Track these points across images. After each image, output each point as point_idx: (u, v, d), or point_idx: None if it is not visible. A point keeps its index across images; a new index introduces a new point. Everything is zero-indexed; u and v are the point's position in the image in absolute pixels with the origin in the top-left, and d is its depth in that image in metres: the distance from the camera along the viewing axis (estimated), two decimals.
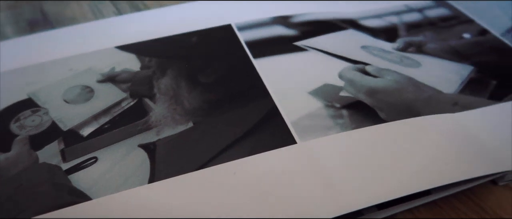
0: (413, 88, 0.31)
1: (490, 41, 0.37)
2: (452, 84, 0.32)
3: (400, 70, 0.33)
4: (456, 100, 0.30)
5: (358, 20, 0.39)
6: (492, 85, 0.32)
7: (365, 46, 0.35)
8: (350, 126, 0.27)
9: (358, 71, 0.32)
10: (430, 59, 0.35)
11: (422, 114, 0.29)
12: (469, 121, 0.29)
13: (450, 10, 0.42)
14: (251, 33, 0.36)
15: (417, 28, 0.39)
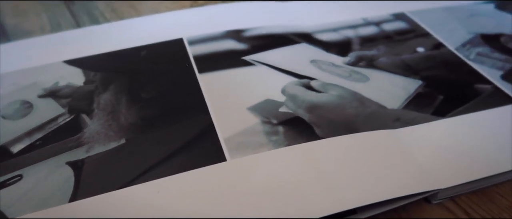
0: (356, 103, 0.31)
1: (444, 55, 0.37)
2: (397, 99, 0.32)
3: (347, 85, 0.33)
4: (399, 116, 0.30)
5: (313, 33, 0.39)
6: (438, 101, 0.32)
7: (314, 61, 0.35)
8: (283, 143, 0.27)
9: (302, 86, 0.32)
10: (379, 73, 0.35)
11: (360, 130, 0.28)
12: (408, 138, 0.28)
13: (408, 23, 0.42)
14: (201, 47, 0.36)
15: (372, 42, 0.39)
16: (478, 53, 0.38)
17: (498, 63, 0.36)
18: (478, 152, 0.28)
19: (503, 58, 0.37)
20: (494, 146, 0.28)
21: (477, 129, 0.29)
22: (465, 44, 0.39)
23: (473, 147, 0.28)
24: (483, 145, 0.28)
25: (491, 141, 0.29)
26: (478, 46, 0.39)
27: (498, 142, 0.29)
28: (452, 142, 0.28)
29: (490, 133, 0.29)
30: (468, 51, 0.38)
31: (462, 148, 0.28)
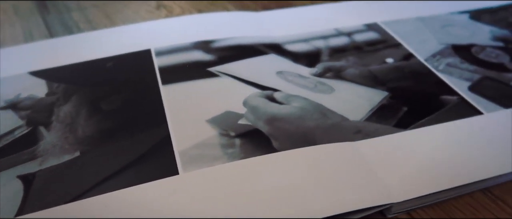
0: (318, 115, 0.31)
1: (412, 65, 0.37)
2: (361, 110, 0.32)
3: (311, 96, 0.33)
4: (360, 128, 0.30)
5: (283, 44, 0.39)
6: (402, 112, 0.32)
7: (281, 72, 0.35)
8: (239, 156, 0.27)
9: (265, 98, 0.32)
10: (345, 84, 0.35)
11: (319, 143, 0.28)
12: (367, 150, 0.28)
13: (380, 34, 0.42)
14: (167, 58, 0.36)
15: (341, 52, 0.39)
16: (448, 64, 0.38)
17: (467, 74, 0.36)
18: (437, 164, 0.27)
19: (472, 69, 0.37)
20: (454, 159, 0.28)
21: (438, 141, 0.29)
22: (435, 54, 0.39)
23: (433, 160, 0.28)
24: (443, 158, 0.28)
25: (451, 153, 0.28)
26: (448, 57, 0.38)
27: (458, 155, 0.28)
28: (412, 154, 0.28)
29: (451, 145, 0.29)
30: (437, 62, 0.38)
31: (421, 161, 0.28)
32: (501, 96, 0.34)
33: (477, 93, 0.34)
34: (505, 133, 0.30)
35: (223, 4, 0.50)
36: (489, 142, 0.29)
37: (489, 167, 0.27)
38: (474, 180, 0.27)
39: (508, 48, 0.40)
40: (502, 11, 0.47)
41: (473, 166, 0.27)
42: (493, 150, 0.29)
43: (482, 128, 0.30)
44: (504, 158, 0.28)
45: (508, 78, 0.36)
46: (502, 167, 0.27)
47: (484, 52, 0.40)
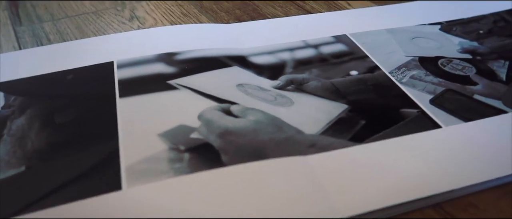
0: (272, 129, 0.30)
1: (376, 78, 0.37)
2: (318, 124, 0.31)
3: (269, 109, 0.32)
4: (315, 142, 0.30)
5: (248, 56, 0.39)
6: (359, 126, 0.32)
7: (241, 84, 0.35)
8: (185, 170, 0.26)
9: (221, 111, 0.31)
10: (306, 97, 0.34)
11: (270, 157, 0.28)
12: (318, 164, 0.28)
13: (347, 46, 0.42)
14: (129, 70, 0.36)
15: (306, 64, 0.39)
16: (412, 77, 0.37)
17: (430, 87, 0.36)
18: (387, 179, 0.27)
19: (436, 82, 0.37)
20: (406, 174, 0.28)
21: (391, 155, 0.29)
22: (401, 67, 0.39)
23: (384, 174, 0.27)
24: (395, 172, 0.28)
25: (403, 168, 0.28)
26: (413, 69, 0.38)
27: (411, 169, 0.28)
28: (364, 168, 0.28)
29: (405, 159, 0.29)
30: (402, 74, 0.38)
31: (372, 175, 0.27)
32: (462, 109, 0.33)
33: (438, 106, 0.34)
34: (461, 148, 0.30)
35: (196, 16, 0.50)
36: (444, 157, 0.29)
37: (441, 182, 0.27)
38: (425, 195, 0.26)
39: (476, 60, 0.40)
40: (474, 22, 0.47)
41: (424, 181, 0.27)
42: (447, 165, 0.28)
43: (439, 142, 0.30)
44: (457, 174, 0.28)
45: (472, 91, 0.36)
46: (454, 182, 0.27)
47: (451, 64, 0.39)
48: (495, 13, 0.48)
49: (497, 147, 0.30)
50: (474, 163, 0.29)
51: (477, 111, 0.33)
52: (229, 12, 0.51)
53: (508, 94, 0.35)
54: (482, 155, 0.29)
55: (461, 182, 0.27)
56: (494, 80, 0.37)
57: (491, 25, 0.46)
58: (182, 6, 0.52)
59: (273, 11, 0.51)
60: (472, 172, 0.28)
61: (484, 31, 0.45)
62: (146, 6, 0.52)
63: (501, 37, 0.44)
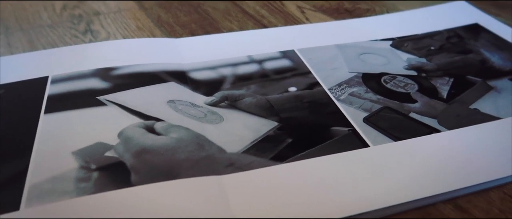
0: (193, 147, 0.30)
1: (314, 95, 0.36)
2: (242, 142, 0.31)
3: (196, 126, 0.32)
4: (233, 161, 0.29)
5: (189, 71, 0.39)
6: (284, 144, 0.31)
7: (173, 101, 0.34)
8: (89, 191, 0.26)
9: (144, 129, 0.31)
10: (237, 114, 0.34)
11: (183, 176, 0.27)
12: (232, 184, 0.27)
13: (292, 61, 0.41)
14: (62, 86, 0.35)
15: (246, 80, 0.38)
16: (351, 94, 0.37)
17: (367, 104, 0.35)
18: (300, 200, 0.26)
19: (374, 99, 0.36)
20: (322, 194, 0.27)
21: (310, 175, 0.28)
22: (342, 84, 0.38)
23: (298, 195, 0.27)
24: (310, 193, 0.27)
25: (320, 188, 0.27)
26: (354, 86, 0.38)
27: (329, 190, 0.27)
28: (278, 189, 0.27)
29: (324, 179, 0.28)
30: (341, 91, 0.37)
31: (285, 197, 0.27)
32: (394, 128, 0.33)
33: (371, 125, 0.33)
34: (386, 168, 0.29)
35: (151, 29, 0.50)
36: (368, 177, 0.28)
37: (358, 203, 0.26)
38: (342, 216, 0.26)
39: (420, 77, 0.39)
40: (427, 38, 0.46)
41: (345, 202, 0.26)
42: (370, 185, 0.28)
43: (364, 162, 0.30)
44: (379, 194, 0.27)
45: (409, 109, 0.35)
46: (376, 203, 0.26)
47: (394, 81, 0.39)
48: (450, 29, 0.48)
49: (423, 167, 0.29)
50: (398, 183, 0.28)
51: (409, 130, 0.33)
52: (184, 26, 0.50)
53: (444, 113, 0.34)
54: (408, 175, 0.28)
55: (383, 203, 0.26)
56: (435, 98, 0.36)
57: (443, 42, 0.46)
58: (139, 20, 0.52)
59: (229, 26, 0.51)
60: (395, 192, 0.27)
61: (435, 48, 0.45)
62: (103, 19, 0.52)
63: (451, 54, 0.43)
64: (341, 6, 0.56)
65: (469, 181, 0.28)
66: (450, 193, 0.28)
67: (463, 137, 0.32)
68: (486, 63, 0.42)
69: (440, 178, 0.28)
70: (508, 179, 0.29)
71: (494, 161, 0.30)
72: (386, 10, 0.55)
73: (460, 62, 0.42)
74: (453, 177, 0.28)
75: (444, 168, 0.29)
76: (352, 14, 0.54)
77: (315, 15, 0.53)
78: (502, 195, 0.28)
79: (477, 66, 0.41)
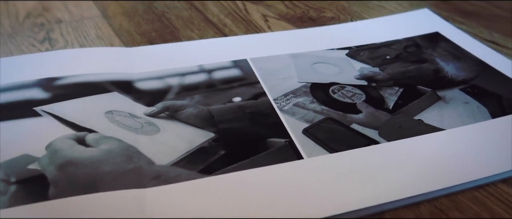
0: (121, 159, 0.29)
1: (257, 105, 0.36)
2: (174, 154, 0.30)
3: (128, 137, 0.31)
4: (160, 174, 0.29)
5: (135, 81, 0.38)
6: (217, 156, 0.31)
7: (111, 111, 0.34)
8: (4, 204, 0.25)
9: (74, 140, 0.30)
10: (175, 125, 0.33)
11: (105, 190, 0.27)
12: (155, 198, 0.27)
13: (243, 71, 0.41)
14: (3, 96, 0.35)
15: (192, 90, 0.38)
16: (296, 104, 0.36)
17: (310, 115, 0.35)
18: (227, 213, 0.26)
19: (319, 110, 0.36)
20: (249, 208, 0.26)
21: (236, 189, 0.28)
22: (288, 94, 0.38)
23: (222, 210, 0.26)
24: (233, 208, 0.26)
25: (250, 202, 0.27)
26: (301, 96, 0.37)
27: (258, 203, 0.27)
28: (201, 204, 0.27)
29: (254, 193, 0.27)
30: (286, 101, 0.37)
31: (210, 210, 0.26)
32: (333, 139, 0.32)
33: (310, 136, 0.33)
34: (314, 181, 0.29)
35: (110, 38, 0.49)
36: (294, 190, 0.28)
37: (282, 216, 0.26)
38: None
39: (370, 87, 0.39)
40: (384, 47, 0.46)
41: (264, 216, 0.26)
42: (294, 199, 0.27)
43: (293, 174, 0.29)
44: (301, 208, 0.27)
45: (351, 120, 0.35)
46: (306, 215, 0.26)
47: (342, 91, 0.38)
48: (409, 38, 0.47)
49: (354, 180, 0.29)
50: (327, 196, 0.27)
51: (348, 141, 0.32)
52: (145, 34, 0.50)
53: (386, 125, 0.34)
54: (338, 188, 0.28)
55: (308, 216, 0.26)
56: (380, 109, 0.36)
57: (400, 51, 0.45)
58: (100, 29, 0.52)
59: (189, 34, 0.50)
60: (322, 206, 0.27)
61: (391, 57, 0.44)
62: (64, 28, 0.52)
63: (405, 63, 0.43)
64: (306, 14, 0.56)
65: (398, 195, 0.28)
66: (379, 206, 0.27)
67: (400, 149, 0.31)
68: (439, 73, 0.41)
69: (369, 191, 0.28)
70: (440, 192, 0.28)
71: (426, 174, 0.29)
72: (350, 18, 0.55)
73: (413, 71, 0.42)
74: (383, 191, 0.28)
75: (374, 182, 0.28)
76: (316, 22, 0.54)
77: (278, 24, 0.53)
78: (432, 208, 0.28)
79: (430, 76, 0.41)
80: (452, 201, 0.28)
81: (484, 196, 0.29)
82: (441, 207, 0.28)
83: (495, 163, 0.30)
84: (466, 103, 0.37)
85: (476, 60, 0.43)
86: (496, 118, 0.35)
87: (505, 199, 0.29)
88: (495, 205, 0.28)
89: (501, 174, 0.30)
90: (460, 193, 0.29)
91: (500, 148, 0.31)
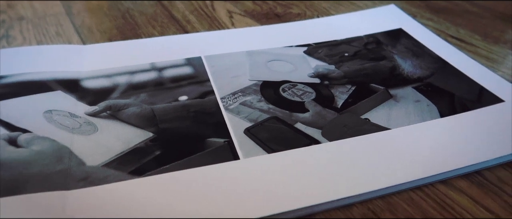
0: (51, 160, 0.29)
1: (202, 104, 0.35)
2: (107, 154, 0.30)
3: (63, 138, 0.31)
4: (89, 175, 0.28)
5: (82, 80, 0.38)
6: (152, 156, 0.30)
7: (50, 111, 0.33)
8: None
9: (5, 141, 0.30)
10: (115, 125, 0.33)
11: (28, 191, 0.26)
12: (78, 200, 0.26)
13: (194, 69, 0.40)
14: None
15: (139, 89, 0.37)
16: (243, 103, 0.36)
17: (256, 114, 0.34)
18: (153, 215, 0.25)
19: (265, 109, 0.35)
20: (175, 209, 0.26)
21: (169, 190, 0.27)
22: (237, 92, 0.37)
23: (149, 211, 0.26)
24: (165, 208, 0.26)
25: (178, 203, 0.26)
26: (249, 95, 0.37)
27: (187, 205, 0.26)
28: (127, 205, 0.26)
29: (183, 196, 0.27)
30: (233, 100, 0.36)
31: (135, 213, 0.26)
32: (273, 139, 0.32)
33: (251, 136, 0.32)
34: (247, 182, 0.28)
35: (69, 35, 0.49)
36: (225, 191, 0.27)
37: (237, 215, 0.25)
38: None
39: (322, 85, 0.38)
40: (344, 44, 0.45)
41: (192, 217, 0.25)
42: (224, 200, 0.27)
43: (226, 175, 0.28)
44: (230, 209, 0.26)
45: (297, 119, 0.34)
46: None
47: (293, 89, 0.38)
48: (371, 35, 0.47)
49: (289, 181, 0.28)
50: (259, 196, 0.27)
51: (288, 141, 0.31)
52: (106, 31, 0.49)
53: (331, 124, 0.33)
54: (271, 188, 0.27)
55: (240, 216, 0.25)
56: (329, 107, 0.35)
57: (360, 48, 0.44)
58: (61, 26, 0.51)
59: (150, 31, 0.50)
60: (256, 206, 0.26)
61: (350, 54, 0.43)
62: (25, 25, 0.51)
63: (363, 60, 0.42)
64: (273, 10, 0.55)
65: (330, 196, 0.27)
66: (309, 208, 0.27)
67: (340, 150, 0.31)
68: (395, 70, 0.41)
69: (301, 193, 0.27)
70: (374, 194, 0.28)
71: (360, 175, 0.28)
72: (317, 15, 0.54)
73: (369, 69, 0.41)
74: (316, 192, 0.27)
75: (307, 183, 0.28)
76: (282, 19, 0.53)
77: (242, 20, 0.52)
78: (365, 210, 0.27)
79: (386, 73, 0.40)
80: (386, 202, 0.28)
81: (420, 198, 0.28)
82: (374, 208, 0.27)
83: (434, 163, 0.29)
84: (417, 102, 0.36)
85: (435, 58, 0.42)
86: (444, 117, 0.34)
87: (441, 200, 0.28)
88: (429, 206, 0.27)
89: (440, 175, 0.29)
90: (396, 194, 0.28)
91: (443, 148, 0.31)
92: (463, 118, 0.34)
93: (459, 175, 0.30)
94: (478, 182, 0.29)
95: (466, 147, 0.31)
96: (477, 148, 0.31)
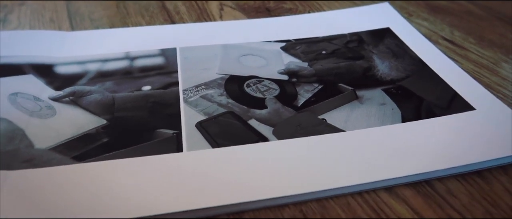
0: (3, 140, 0.30)
1: (163, 95, 0.36)
2: (57, 138, 0.31)
3: (20, 120, 0.32)
4: (34, 157, 0.29)
5: (56, 65, 0.39)
6: (99, 143, 0.31)
7: (16, 93, 0.35)
8: None
9: None
10: (73, 111, 0.34)
11: None
12: (16, 181, 0.27)
13: (166, 60, 0.41)
14: None
15: (107, 77, 0.38)
16: (203, 96, 0.36)
17: (213, 108, 0.34)
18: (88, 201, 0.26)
19: (224, 103, 0.35)
20: (112, 197, 0.26)
21: (105, 177, 0.28)
22: (200, 85, 0.37)
23: (85, 197, 0.26)
24: (101, 194, 0.26)
25: (114, 190, 0.27)
26: (212, 88, 0.37)
27: (122, 192, 0.27)
28: (64, 189, 0.27)
29: (122, 182, 0.27)
30: (195, 92, 0.36)
31: (71, 197, 0.26)
32: (222, 134, 0.31)
33: (201, 129, 0.32)
34: (186, 175, 0.28)
35: (61, 21, 0.50)
36: (160, 182, 0.27)
37: (141, 208, 0.26)
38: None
39: (288, 83, 0.38)
40: (325, 42, 0.44)
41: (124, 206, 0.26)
42: (158, 190, 0.27)
43: (167, 168, 0.28)
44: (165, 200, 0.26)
45: (253, 116, 0.33)
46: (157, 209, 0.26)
47: (258, 85, 0.37)
48: (354, 33, 0.45)
49: (228, 177, 0.28)
50: (194, 190, 0.27)
51: (237, 137, 0.31)
52: (96, 20, 0.51)
53: (285, 122, 0.33)
54: (208, 183, 0.27)
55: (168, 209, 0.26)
56: (289, 105, 0.35)
57: (340, 46, 0.43)
58: (57, 12, 0.53)
59: (138, 21, 0.50)
60: (186, 199, 0.26)
61: (327, 52, 0.42)
62: (24, 10, 0.53)
63: (339, 59, 0.41)
64: (264, 4, 0.54)
65: (262, 195, 0.27)
66: (239, 205, 0.26)
67: (285, 149, 0.30)
68: (369, 71, 0.39)
69: (235, 189, 0.27)
70: (308, 196, 0.27)
71: (296, 177, 0.28)
72: (309, 10, 0.53)
73: (343, 68, 0.40)
74: (248, 190, 0.27)
75: (241, 180, 0.28)
76: (272, 13, 0.52)
77: (230, 13, 0.52)
78: (296, 212, 0.27)
79: (359, 74, 0.39)
80: (321, 206, 0.27)
81: (357, 204, 0.27)
82: (306, 210, 0.27)
83: (379, 169, 0.28)
84: (382, 105, 0.35)
85: (415, 60, 0.41)
86: (405, 122, 0.33)
87: (379, 208, 0.27)
88: (364, 213, 0.27)
89: (383, 182, 0.28)
90: (334, 199, 0.28)
91: (391, 154, 0.30)
92: (424, 124, 0.32)
93: (405, 183, 0.28)
94: (425, 192, 0.28)
95: (416, 155, 0.29)
96: (429, 157, 0.29)
